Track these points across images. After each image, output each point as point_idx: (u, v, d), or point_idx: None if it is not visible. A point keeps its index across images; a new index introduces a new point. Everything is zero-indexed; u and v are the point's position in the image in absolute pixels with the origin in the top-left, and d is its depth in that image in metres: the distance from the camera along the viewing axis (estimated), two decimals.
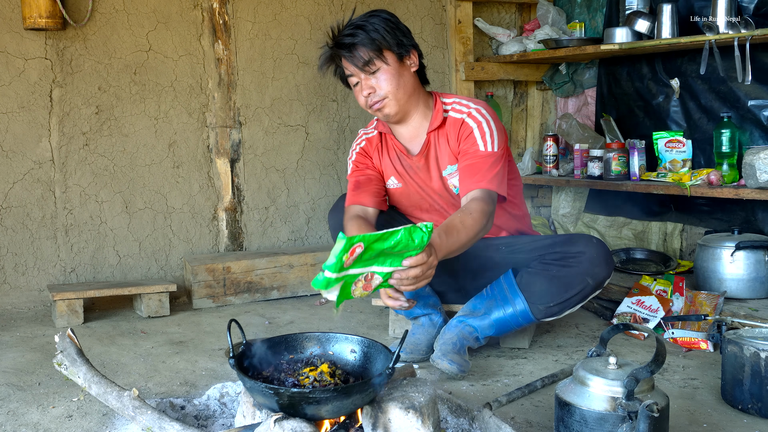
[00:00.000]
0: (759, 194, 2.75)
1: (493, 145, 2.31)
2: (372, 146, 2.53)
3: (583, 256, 2.30)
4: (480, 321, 2.39)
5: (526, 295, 2.34)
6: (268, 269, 3.34)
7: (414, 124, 2.45)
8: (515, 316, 2.37)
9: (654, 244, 3.54)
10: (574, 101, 3.98)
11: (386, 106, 2.35)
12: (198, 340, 2.75)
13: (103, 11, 3.23)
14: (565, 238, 2.41)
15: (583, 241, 2.34)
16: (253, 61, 3.53)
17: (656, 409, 1.50)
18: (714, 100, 3.22)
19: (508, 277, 2.42)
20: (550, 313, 2.36)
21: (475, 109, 2.38)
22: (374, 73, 2.32)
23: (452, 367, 2.25)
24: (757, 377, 1.95)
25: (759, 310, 2.62)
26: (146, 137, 3.35)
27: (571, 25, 3.79)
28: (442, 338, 2.36)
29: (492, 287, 2.44)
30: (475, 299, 2.45)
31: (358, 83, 2.36)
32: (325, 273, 1.58)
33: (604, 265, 2.33)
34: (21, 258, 3.18)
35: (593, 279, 2.31)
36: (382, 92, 2.33)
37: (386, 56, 2.32)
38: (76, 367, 1.85)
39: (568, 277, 2.31)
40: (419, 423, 1.59)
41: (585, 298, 2.35)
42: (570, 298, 2.33)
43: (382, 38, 2.31)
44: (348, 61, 2.34)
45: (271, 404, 1.56)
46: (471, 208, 2.17)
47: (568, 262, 2.32)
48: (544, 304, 2.34)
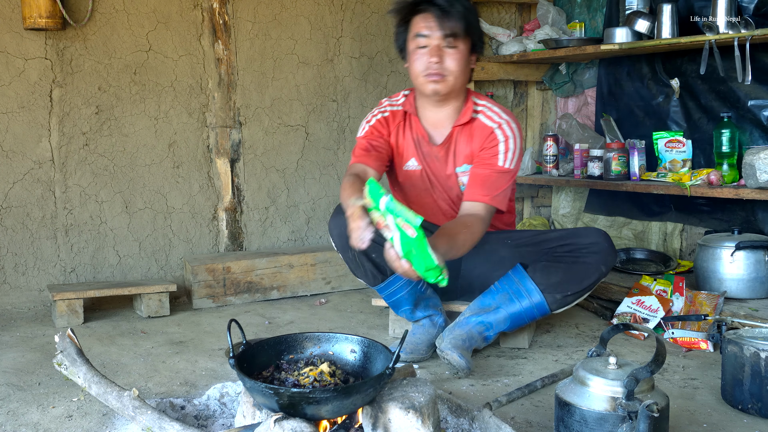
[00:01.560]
0: (759, 194, 2.75)
1: (511, 163, 2.41)
2: (394, 120, 2.53)
3: (597, 246, 2.40)
4: (494, 316, 2.40)
5: (542, 288, 2.39)
6: (268, 269, 3.34)
7: (446, 112, 2.49)
8: (530, 309, 2.40)
9: (654, 244, 3.54)
10: (574, 101, 3.98)
11: (443, 82, 2.37)
12: (198, 340, 2.75)
13: (103, 11, 3.23)
14: (572, 232, 2.50)
15: (592, 233, 2.44)
16: (253, 61, 3.53)
17: (656, 409, 1.50)
18: (714, 100, 3.22)
19: (518, 271, 2.43)
20: (565, 302, 2.42)
21: (506, 122, 2.45)
22: (451, 48, 2.36)
23: (462, 361, 2.26)
24: (757, 377, 1.95)
25: (759, 310, 2.62)
26: (146, 137, 3.35)
27: (571, 25, 3.79)
28: (451, 333, 2.36)
29: (502, 282, 2.44)
30: (484, 296, 2.46)
31: (426, 47, 2.37)
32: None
33: (613, 253, 2.44)
34: (21, 258, 3.18)
35: (606, 267, 2.42)
36: (448, 69, 2.37)
37: (466, 41, 2.38)
38: (76, 367, 1.85)
39: (584, 267, 2.39)
40: (419, 423, 1.59)
41: (596, 284, 2.45)
42: (587, 287, 2.42)
43: (471, 24, 2.39)
44: (435, 22, 2.34)
45: (271, 404, 1.56)
46: (474, 227, 2.25)
47: (581, 254, 2.40)
48: (561, 294, 2.39)
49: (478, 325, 2.39)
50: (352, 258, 2.44)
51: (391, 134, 2.53)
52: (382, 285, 2.48)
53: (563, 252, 2.42)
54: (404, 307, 2.51)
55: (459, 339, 2.33)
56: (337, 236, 2.42)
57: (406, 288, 2.47)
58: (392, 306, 2.55)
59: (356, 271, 2.50)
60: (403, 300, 2.49)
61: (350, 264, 2.48)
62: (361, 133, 2.54)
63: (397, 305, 2.52)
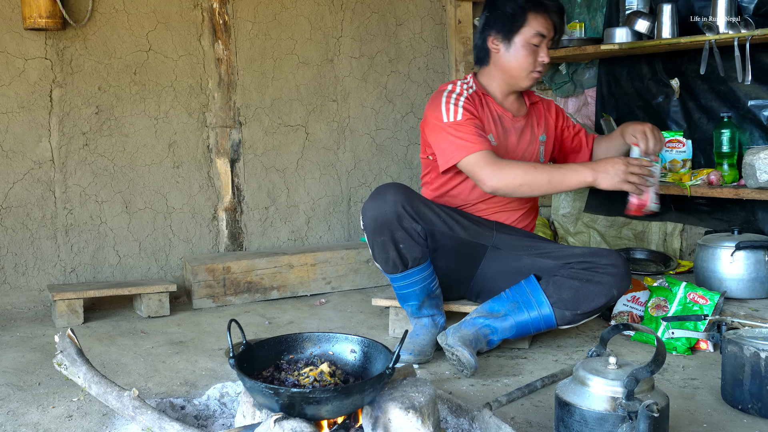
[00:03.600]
0: (759, 194, 2.75)
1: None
2: (474, 101, 2.60)
3: (613, 269, 2.39)
4: (501, 322, 2.40)
5: (552, 301, 2.39)
6: (268, 269, 3.34)
7: (516, 94, 2.71)
8: (538, 320, 2.40)
9: (654, 244, 3.54)
10: (575, 101, 3.97)
11: (539, 78, 2.64)
12: (198, 340, 2.75)
13: (103, 11, 3.23)
14: (593, 251, 2.50)
15: (613, 256, 2.44)
16: (253, 61, 3.53)
17: (656, 409, 1.50)
18: (714, 100, 3.22)
19: (531, 282, 2.44)
20: (573, 320, 2.42)
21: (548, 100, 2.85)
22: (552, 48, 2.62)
23: (472, 359, 2.26)
24: (757, 377, 1.95)
25: (759, 310, 2.62)
26: (146, 137, 3.35)
27: (571, 25, 3.79)
28: (458, 332, 2.36)
29: (513, 290, 2.45)
30: (493, 301, 2.46)
31: (540, 45, 2.55)
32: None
33: (628, 279, 2.43)
34: (21, 258, 3.18)
35: (618, 291, 2.41)
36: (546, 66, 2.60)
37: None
38: (76, 367, 1.85)
39: (597, 287, 2.38)
40: (419, 423, 1.59)
41: (606, 307, 2.45)
42: (597, 308, 2.40)
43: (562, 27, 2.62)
44: (554, 24, 2.56)
45: (271, 404, 1.56)
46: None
47: (597, 273, 2.39)
48: (570, 311, 2.39)
49: (485, 328, 2.39)
50: (380, 243, 2.41)
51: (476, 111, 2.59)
52: (400, 275, 2.46)
53: (580, 269, 2.41)
54: (412, 302, 2.51)
55: (467, 338, 2.33)
56: (372, 219, 2.39)
57: (421, 284, 2.47)
58: (401, 298, 2.53)
59: (378, 257, 2.46)
60: (413, 294, 2.49)
61: (375, 249, 2.45)
62: (453, 118, 2.51)
63: (406, 298, 2.51)
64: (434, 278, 2.51)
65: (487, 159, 2.41)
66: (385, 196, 2.38)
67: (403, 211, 2.36)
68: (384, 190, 2.40)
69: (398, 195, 2.37)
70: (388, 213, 2.36)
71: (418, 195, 2.45)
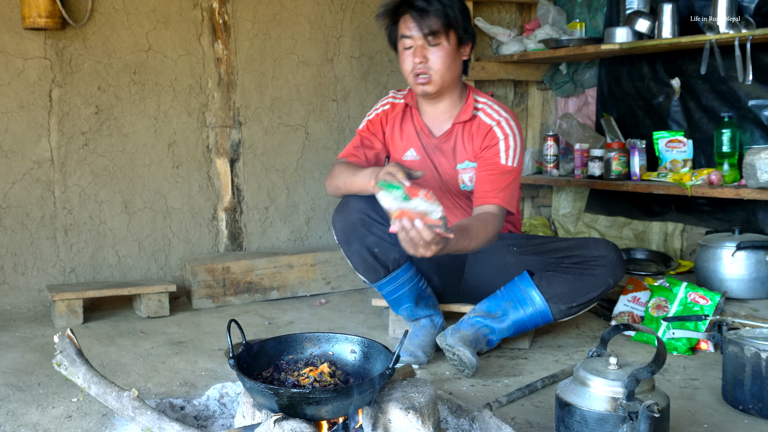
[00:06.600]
0: (760, 194, 2.75)
1: (514, 161, 2.41)
2: (393, 112, 2.56)
3: (605, 260, 2.38)
4: (499, 323, 2.40)
5: (547, 297, 2.39)
6: (268, 269, 3.34)
7: (442, 108, 2.51)
8: (534, 317, 2.41)
9: (654, 244, 3.54)
10: (575, 101, 3.97)
11: (430, 83, 2.40)
12: (198, 340, 2.75)
13: (102, 11, 3.22)
14: (580, 242, 2.48)
15: (601, 245, 2.42)
16: (253, 61, 3.53)
17: (657, 409, 1.50)
18: (714, 99, 3.21)
19: (524, 278, 2.43)
20: (569, 313, 2.42)
21: (505, 119, 2.44)
22: (434, 46, 2.37)
23: (473, 359, 2.26)
24: (757, 378, 1.95)
25: (759, 311, 2.62)
26: (146, 137, 3.35)
27: (571, 24, 3.79)
28: (457, 332, 2.35)
29: (507, 288, 2.44)
30: (489, 301, 2.45)
31: (411, 48, 2.39)
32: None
33: (621, 266, 2.41)
34: (20, 258, 3.18)
35: (614, 280, 2.40)
36: (433, 68, 2.38)
37: (450, 36, 2.37)
38: (76, 367, 1.85)
39: (591, 279, 2.37)
40: (419, 423, 1.58)
41: (603, 297, 2.45)
42: (592, 299, 2.40)
43: (455, 17, 2.36)
44: (414, 23, 2.36)
45: (271, 404, 1.56)
46: (489, 223, 2.28)
47: (589, 266, 2.38)
48: (566, 305, 2.39)
49: (483, 328, 2.39)
50: (356, 251, 2.42)
51: (386, 126, 2.56)
52: (384, 281, 2.46)
53: (570, 263, 2.40)
54: (406, 305, 2.51)
55: (467, 338, 2.33)
56: (341, 230, 2.42)
57: (408, 285, 2.47)
58: (393, 304, 2.53)
59: (359, 266, 2.48)
60: (405, 297, 2.49)
61: (353, 259, 2.47)
62: (360, 126, 2.61)
63: (398, 303, 2.51)
64: (421, 278, 2.51)
65: (334, 166, 2.48)
66: (349, 205, 2.41)
67: (367, 218, 2.37)
68: (347, 200, 2.43)
69: (361, 203, 2.38)
70: (355, 221, 2.38)
71: None
